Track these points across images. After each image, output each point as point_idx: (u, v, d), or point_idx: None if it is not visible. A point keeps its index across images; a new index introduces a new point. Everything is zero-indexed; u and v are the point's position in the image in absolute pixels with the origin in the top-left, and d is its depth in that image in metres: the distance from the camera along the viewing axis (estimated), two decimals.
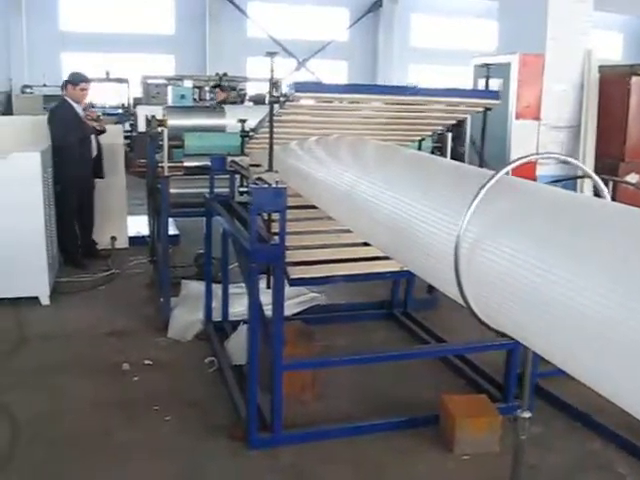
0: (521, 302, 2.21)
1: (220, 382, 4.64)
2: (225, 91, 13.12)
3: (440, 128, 4.76)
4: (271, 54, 3.84)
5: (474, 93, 4.06)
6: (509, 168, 2.49)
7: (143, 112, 8.03)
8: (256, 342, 3.70)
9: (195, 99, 15.39)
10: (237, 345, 4.96)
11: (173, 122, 6.00)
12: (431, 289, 6.37)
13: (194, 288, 5.91)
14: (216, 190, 5.89)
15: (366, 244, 4.39)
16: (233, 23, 23.61)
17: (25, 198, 5.97)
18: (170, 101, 14.03)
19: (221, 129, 6.24)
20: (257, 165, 5.01)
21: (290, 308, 5.70)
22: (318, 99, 3.82)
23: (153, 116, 6.40)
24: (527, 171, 5.60)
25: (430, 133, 4.95)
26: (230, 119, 6.26)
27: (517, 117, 6.34)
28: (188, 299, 5.75)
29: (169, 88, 14.57)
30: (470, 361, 4.90)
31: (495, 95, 4.09)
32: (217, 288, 5.56)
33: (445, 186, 2.83)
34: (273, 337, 3.68)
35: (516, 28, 7.27)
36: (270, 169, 3.98)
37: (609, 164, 6.47)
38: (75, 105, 7.00)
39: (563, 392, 4.55)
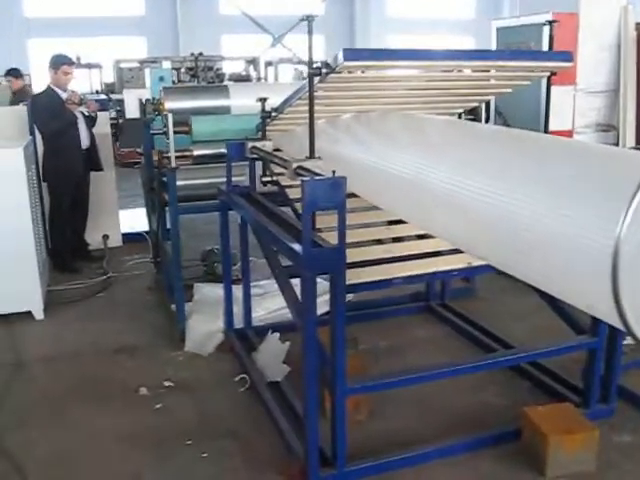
0: None
1: (256, 403, 4.02)
2: (20, 79, 9.94)
3: (491, 98, 4.13)
4: (309, 17, 3.19)
5: (546, 55, 3.44)
6: None
7: (131, 96, 7.29)
8: (314, 367, 3.07)
9: (174, 81, 14.59)
10: (269, 358, 4.34)
11: (172, 105, 5.32)
12: (468, 277, 5.79)
13: (209, 292, 5.25)
14: (215, 180, 5.24)
15: (422, 237, 3.78)
16: (204, 0, 22.68)
17: (9, 200, 5.25)
18: (149, 84, 13.23)
19: (225, 111, 5.57)
20: (278, 150, 4.38)
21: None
22: (369, 68, 3.17)
23: (148, 99, 5.72)
24: None
25: (477, 104, 4.33)
26: (235, 99, 5.59)
27: (552, 82, 5.71)
28: (203, 305, 5.09)
29: (147, 70, 13.73)
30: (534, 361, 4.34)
31: (567, 57, 3.47)
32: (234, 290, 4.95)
33: (574, 174, 2.21)
34: (333, 357, 3.07)
35: None
36: (312, 155, 3.34)
37: None
38: (59, 91, 6.24)
39: None
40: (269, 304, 5.14)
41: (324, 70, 3.18)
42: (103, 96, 10.87)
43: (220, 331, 4.85)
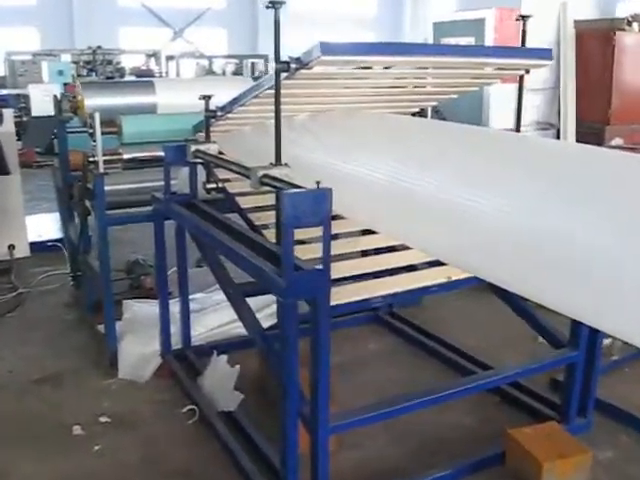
0: None
1: (209, 438, 3.59)
2: None
3: (454, 96, 3.87)
4: (275, 5, 2.79)
5: (525, 52, 3.18)
6: None
7: (38, 92, 6.62)
8: (295, 410, 2.69)
9: (73, 75, 13.74)
10: (217, 384, 3.91)
11: (92, 102, 4.78)
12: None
13: (140, 309, 4.75)
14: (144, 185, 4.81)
15: (392, 249, 3.45)
16: None
17: None
18: (46, 78, 12.38)
19: (151, 108, 5.06)
20: (221, 154, 3.95)
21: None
22: (346, 64, 2.82)
23: (64, 94, 5.15)
24: None
25: (437, 103, 4.06)
26: (162, 96, 5.09)
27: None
28: (136, 324, 4.58)
29: (43, 64, 12.84)
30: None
31: (548, 54, 3.25)
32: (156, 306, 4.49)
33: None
34: (315, 393, 2.70)
35: None
36: (278, 162, 2.95)
37: (593, 128, 5.84)
38: None
39: (611, 395, 3.89)
40: (209, 321, 4.70)
41: (293, 65, 2.79)
42: (5, 91, 9.93)
43: (157, 354, 4.37)
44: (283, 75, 2.86)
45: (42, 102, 6.43)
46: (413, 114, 4.28)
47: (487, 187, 2.55)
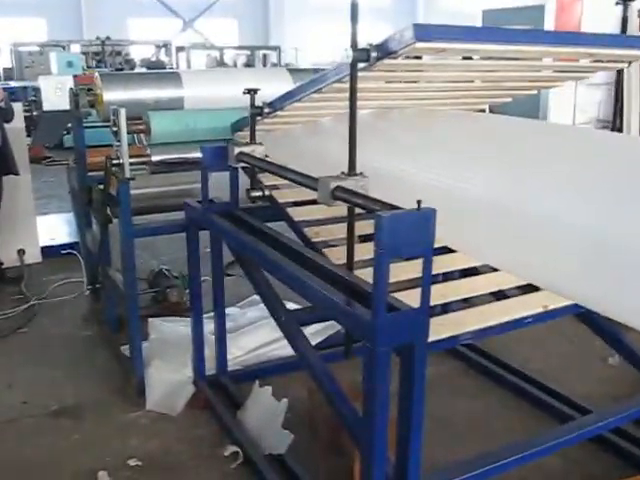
0: None
1: None
2: None
3: (534, 91, 3.36)
4: None
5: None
6: None
7: (49, 85, 6.11)
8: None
9: (83, 67, 13.24)
10: (262, 421, 3.41)
11: (112, 96, 4.27)
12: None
13: (168, 330, 4.25)
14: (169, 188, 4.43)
15: (468, 273, 2.93)
16: None
17: None
18: (55, 70, 11.86)
19: (178, 103, 4.54)
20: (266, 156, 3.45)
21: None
22: (441, 52, 2.29)
23: (82, 88, 4.64)
24: None
25: (510, 99, 3.54)
26: (189, 89, 4.57)
27: None
28: (164, 347, 4.08)
29: (52, 55, 12.32)
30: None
31: None
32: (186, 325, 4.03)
33: None
34: (404, 453, 2.19)
35: None
36: (352, 171, 2.44)
37: None
38: None
39: None
40: (246, 342, 4.21)
41: (374, 54, 2.28)
42: (13, 83, 9.35)
43: (190, 381, 3.87)
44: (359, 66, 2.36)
45: (54, 95, 5.91)
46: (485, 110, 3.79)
47: (600, 198, 2.09)
